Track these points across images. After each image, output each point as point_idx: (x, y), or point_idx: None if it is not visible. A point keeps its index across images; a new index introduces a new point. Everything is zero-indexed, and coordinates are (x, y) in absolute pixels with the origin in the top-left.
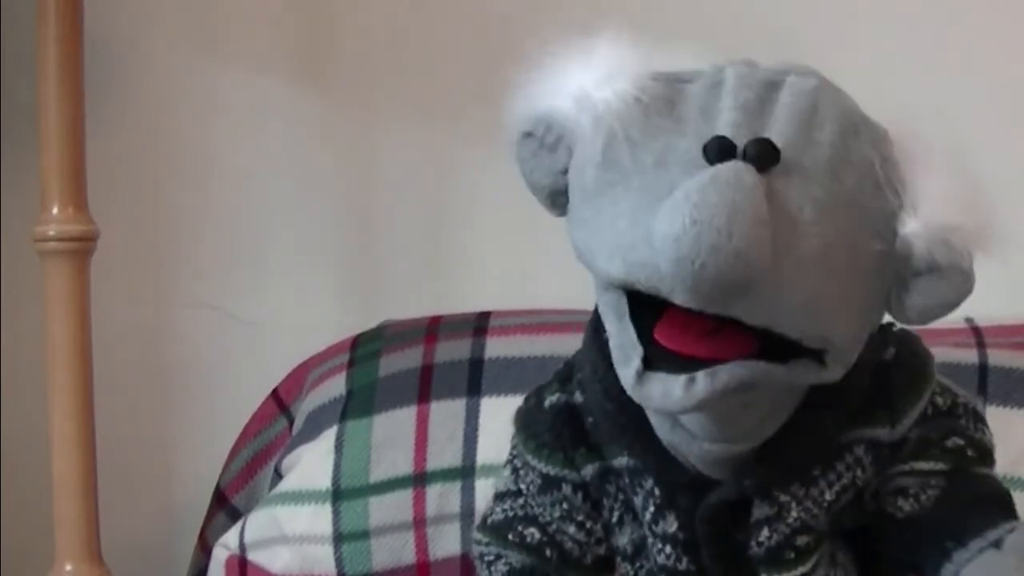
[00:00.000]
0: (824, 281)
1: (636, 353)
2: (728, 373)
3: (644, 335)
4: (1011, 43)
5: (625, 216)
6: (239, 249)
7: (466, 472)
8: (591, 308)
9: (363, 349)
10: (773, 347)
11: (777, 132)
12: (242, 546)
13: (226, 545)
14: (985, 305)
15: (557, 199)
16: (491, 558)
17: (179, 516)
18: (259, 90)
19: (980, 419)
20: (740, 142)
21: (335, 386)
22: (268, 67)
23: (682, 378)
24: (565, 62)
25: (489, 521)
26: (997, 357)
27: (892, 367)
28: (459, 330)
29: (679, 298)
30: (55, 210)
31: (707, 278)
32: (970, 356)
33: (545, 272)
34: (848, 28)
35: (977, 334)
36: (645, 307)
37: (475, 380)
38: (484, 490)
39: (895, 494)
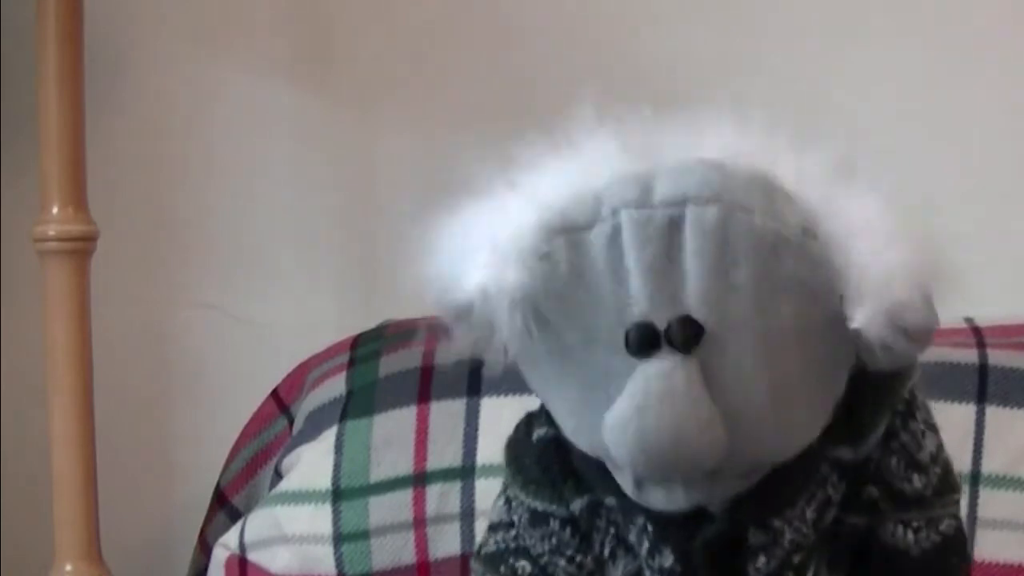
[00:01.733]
0: (786, 411)
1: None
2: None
3: None
4: (1011, 50)
5: (572, 399)
6: (239, 249)
7: (466, 472)
8: None
9: (363, 349)
10: None
11: (693, 291)
12: (242, 546)
13: (226, 545)
14: (985, 305)
15: (512, 364)
16: None
17: (179, 516)
18: (259, 90)
19: (913, 461)
20: (660, 321)
21: (335, 386)
22: (268, 67)
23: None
24: (463, 227)
25: (483, 552)
26: (997, 357)
27: (863, 375)
28: None
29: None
30: (55, 210)
31: (672, 482)
32: (970, 356)
33: None
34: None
35: (977, 334)
36: None
37: (475, 380)
38: (484, 490)
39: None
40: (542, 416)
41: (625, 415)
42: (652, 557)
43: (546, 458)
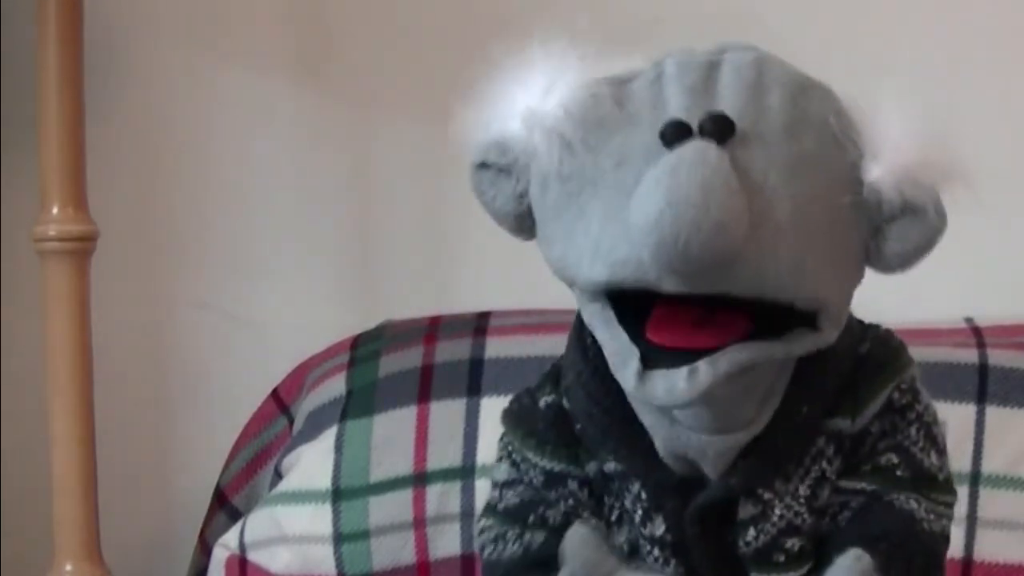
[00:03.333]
0: (804, 241)
1: (633, 355)
2: (728, 358)
3: (636, 337)
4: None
5: (597, 220)
6: (239, 249)
7: (466, 472)
8: None
9: (363, 349)
10: (766, 324)
11: (727, 106)
12: (242, 546)
13: (226, 545)
14: (985, 305)
15: (524, 223)
16: (512, 539)
17: (179, 516)
18: (259, 90)
19: (931, 435)
20: (694, 121)
21: (335, 386)
22: (268, 67)
23: (684, 370)
24: (505, 82)
25: (501, 507)
26: (997, 357)
27: (864, 359)
28: (459, 330)
29: (667, 285)
30: (55, 210)
31: (692, 256)
32: (970, 356)
33: (545, 272)
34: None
35: (977, 334)
36: (631, 310)
37: (475, 380)
38: (484, 490)
39: (821, 514)
40: (546, 385)
41: (659, 173)
42: (644, 525)
43: (559, 422)
